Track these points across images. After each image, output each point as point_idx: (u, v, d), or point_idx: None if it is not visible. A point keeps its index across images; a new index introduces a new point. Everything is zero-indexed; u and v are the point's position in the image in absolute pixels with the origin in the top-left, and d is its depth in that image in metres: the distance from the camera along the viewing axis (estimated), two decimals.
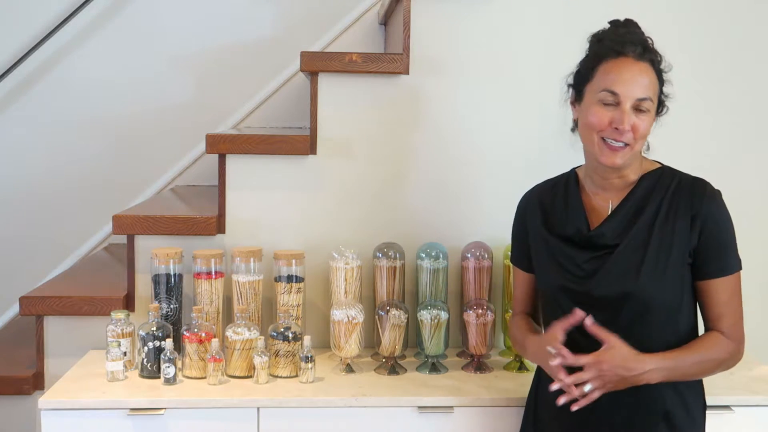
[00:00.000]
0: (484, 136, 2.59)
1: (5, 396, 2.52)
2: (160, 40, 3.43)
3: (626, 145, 1.82)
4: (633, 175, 1.90)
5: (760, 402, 2.23)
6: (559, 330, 1.82)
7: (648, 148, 1.94)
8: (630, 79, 1.80)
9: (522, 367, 2.40)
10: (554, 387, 1.80)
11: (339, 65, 2.51)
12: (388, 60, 2.52)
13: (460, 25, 2.55)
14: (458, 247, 2.56)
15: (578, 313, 1.80)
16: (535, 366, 2.38)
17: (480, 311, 2.37)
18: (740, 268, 1.87)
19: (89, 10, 3.36)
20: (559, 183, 2.02)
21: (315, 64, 2.52)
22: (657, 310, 1.83)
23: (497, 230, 2.57)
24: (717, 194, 1.86)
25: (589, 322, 1.79)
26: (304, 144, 2.53)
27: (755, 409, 2.23)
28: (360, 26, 3.41)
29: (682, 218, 1.83)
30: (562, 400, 1.79)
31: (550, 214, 1.98)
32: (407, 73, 2.53)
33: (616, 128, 1.80)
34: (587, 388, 1.76)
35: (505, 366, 2.43)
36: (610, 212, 1.89)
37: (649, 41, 1.87)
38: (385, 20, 3.21)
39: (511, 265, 2.13)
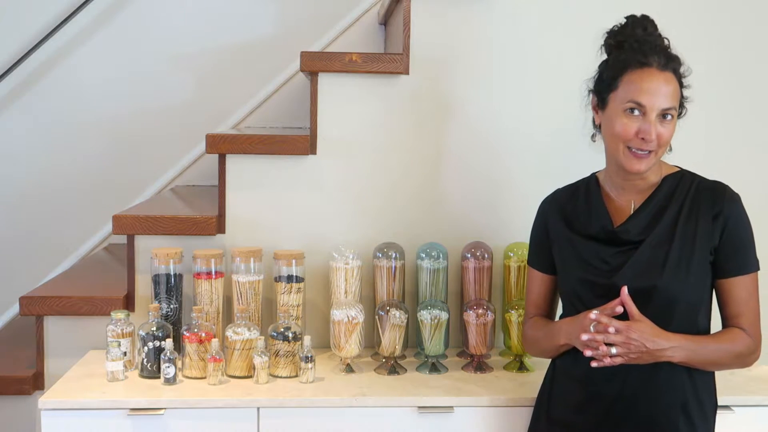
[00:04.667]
0: (484, 135, 2.59)
1: (5, 396, 2.52)
2: (160, 40, 3.43)
3: (650, 152, 1.87)
4: (653, 177, 1.95)
5: (760, 402, 2.23)
6: (608, 304, 1.85)
7: (671, 150, 1.97)
8: (656, 90, 1.85)
9: (522, 367, 2.40)
10: (584, 337, 1.82)
11: (339, 65, 2.51)
12: (388, 60, 2.52)
13: (460, 25, 2.55)
14: (458, 247, 2.56)
15: (623, 290, 1.83)
16: (535, 366, 2.40)
17: (480, 311, 2.37)
18: (758, 269, 1.92)
19: (89, 10, 3.36)
20: (579, 187, 2.06)
21: (315, 64, 2.52)
22: (679, 306, 1.87)
23: (497, 230, 2.58)
24: (737, 196, 1.92)
25: (624, 291, 1.83)
26: (304, 144, 2.53)
27: (755, 409, 2.23)
28: (360, 26, 3.41)
29: (704, 217, 1.89)
30: (588, 353, 1.83)
31: (572, 217, 2.02)
32: (407, 73, 2.53)
33: (643, 138, 1.85)
34: (613, 350, 1.81)
35: (505, 366, 2.43)
36: (633, 211, 1.94)
37: (666, 42, 1.92)
38: (385, 20, 3.21)
39: (528, 267, 2.14)
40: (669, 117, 1.86)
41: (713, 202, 1.89)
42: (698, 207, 1.90)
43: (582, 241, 1.97)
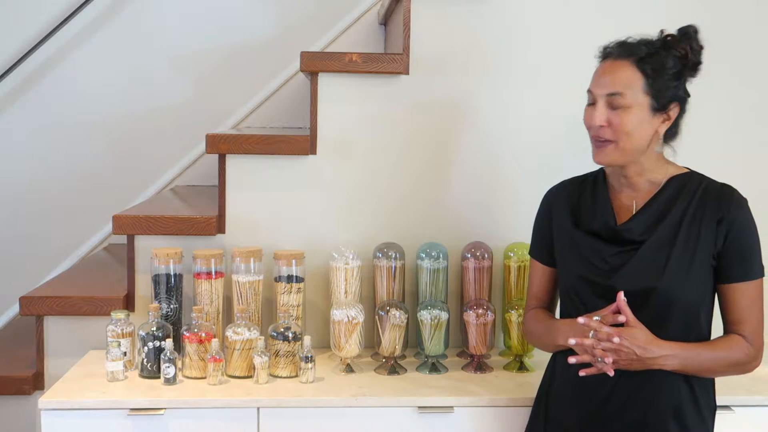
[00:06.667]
0: (484, 135, 2.59)
1: (5, 396, 2.52)
2: (160, 40, 3.43)
3: (608, 141, 1.87)
4: (656, 176, 1.93)
5: (760, 402, 2.23)
6: (605, 310, 1.85)
7: (674, 153, 1.96)
8: (602, 77, 1.89)
9: (522, 367, 2.40)
10: (572, 341, 1.83)
11: (339, 65, 2.51)
12: (388, 60, 2.52)
13: (460, 25, 2.55)
14: (458, 247, 2.56)
15: (619, 295, 1.82)
16: (535, 366, 2.40)
17: (480, 311, 2.37)
18: (763, 275, 1.90)
19: (89, 11, 3.36)
20: (587, 180, 2.05)
21: (315, 64, 2.52)
22: (678, 310, 1.85)
23: (497, 230, 2.58)
24: (744, 201, 1.89)
25: (620, 296, 1.82)
26: (304, 144, 2.53)
27: (755, 409, 2.23)
28: (360, 26, 3.42)
29: (708, 221, 1.86)
30: (571, 360, 1.83)
31: (577, 209, 2.01)
32: (407, 73, 2.53)
33: (591, 125, 1.89)
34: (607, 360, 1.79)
35: (505, 366, 2.43)
36: (635, 211, 1.93)
37: (644, 44, 1.89)
38: (385, 20, 3.21)
39: (530, 258, 2.13)
40: (618, 105, 1.85)
41: (718, 206, 1.86)
42: (703, 210, 1.87)
43: (584, 237, 1.96)
